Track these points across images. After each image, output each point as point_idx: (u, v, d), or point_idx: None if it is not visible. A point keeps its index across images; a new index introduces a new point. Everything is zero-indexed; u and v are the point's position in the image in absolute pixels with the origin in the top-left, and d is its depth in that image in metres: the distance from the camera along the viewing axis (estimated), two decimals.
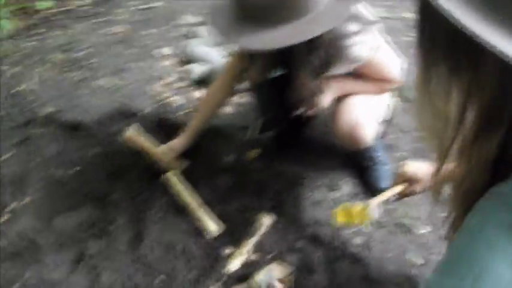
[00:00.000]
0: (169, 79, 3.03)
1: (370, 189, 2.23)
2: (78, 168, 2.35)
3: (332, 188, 2.28)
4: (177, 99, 2.83)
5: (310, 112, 2.03)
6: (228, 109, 2.77)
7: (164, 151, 2.27)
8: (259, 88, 2.07)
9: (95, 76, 3.08)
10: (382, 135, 2.32)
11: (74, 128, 2.61)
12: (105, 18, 3.72)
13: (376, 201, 1.75)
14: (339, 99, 2.08)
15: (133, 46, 3.40)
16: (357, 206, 1.75)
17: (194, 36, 3.42)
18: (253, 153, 2.45)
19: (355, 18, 1.85)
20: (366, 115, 2.05)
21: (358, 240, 2.03)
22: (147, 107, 2.77)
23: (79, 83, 3.00)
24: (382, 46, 1.98)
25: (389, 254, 1.98)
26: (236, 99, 2.85)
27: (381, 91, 2.12)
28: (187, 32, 3.54)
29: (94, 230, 2.05)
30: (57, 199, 2.17)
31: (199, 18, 3.69)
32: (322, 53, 1.81)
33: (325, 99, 2.02)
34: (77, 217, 2.09)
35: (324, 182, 2.31)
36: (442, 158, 0.94)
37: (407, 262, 1.95)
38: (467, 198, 0.95)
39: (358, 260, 1.94)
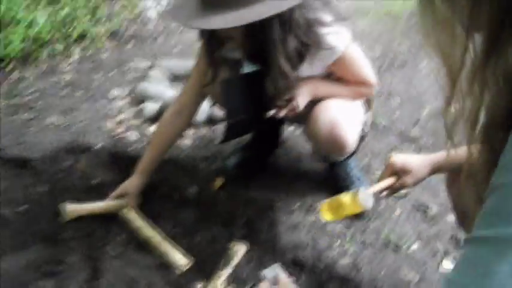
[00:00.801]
0: (122, 116, 2.83)
1: None
2: (25, 206, 2.12)
3: (308, 210, 2.09)
4: (130, 135, 2.63)
5: (282, 113, 1.85)
6: (186, 142, 2.58)
7: (118, 196, 2.06)
8: (225, 87, 1.87)
9: (43, 116, 2.87)
10: (356, 150, 2.17)
11: (21, 166, 2.38)
12: (53, 64, 3.54)
13: (365, 190, 1.56)
14: (314, 103, 1.91)
15: (83, 89, 3.21)
16: (345, 196, 1.56)
17: (145, 78, 3.27)
18: (218, 182, 2.24)
19: (330, 8, 1.80)
20: (344, 115, 1.90)
21: (344, 261, 1.82)
22: (99, 142, 2.56)
23: (26, 123, 2.79)
24: (353, 43, 1.87)
25: (381, 273, 1.77)
26: (194, 132, 2.66)
27: (357, 95, 2.00)
28: (138, 75, 3.39)
29: (43, 270, 1.77)
30: (2, 239, 1.91)
31: (148, 63, 3.55)
32: (298, 36, 1.73)
33: (300, 100, 1.86)
34: (25, 258, 1.82)
35: (299, 205, 2.12)
36: (452, 86, 0.81)
37: (402, 280, 1.75)
38: (490, 134, 0.80)
39: (348, 282, 1.73)
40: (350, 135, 1.90)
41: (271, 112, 1.86)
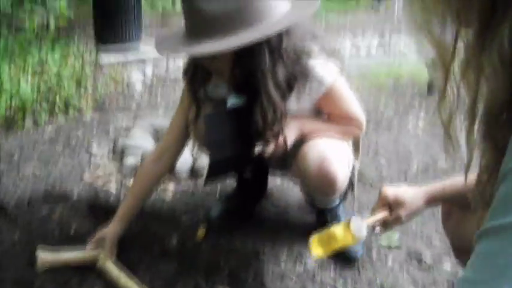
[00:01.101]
0: (102, 170, 2.74)
1: (339, 256, 1.93)
2: None
3: (297, 260, 1.97)
4: (109, 187, 2.54)
5: (270, 149, 1.78)
6: (168, 194, 2.49)
7: (95, 243, 1.96)
8: (209, 121, 1.80)
9: (21, 166, 2.79)
10: (345, 197, 2.08)
11: None
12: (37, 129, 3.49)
13: (358, 219, 1.46)
14: (302, 141, 1.85)
15: (64, 143, 3.14)
16: (337, 227, 1.45)
17: (127, 135, 3.22)
18: (200, 232, 2.14)
19: (318, 41, 1.82)
20: (334, 151, 1.83)
21: None
22: (77, 193, 2.47)
23: (3, 172, 2.72)
24: (341, 78, 1.84)
25: None
26: (176, 185, 2.58)
27: (346, 133, 1.94)
28: (120, 132, 3.33)
29: None
30: None
31: (131, 122, 3.51)
32: (287, 65, 1.72)
33: (288, 136, 1.79)
34: None
35: (287, 254, 2.01)
36: (445, 76, 0.75)
37: None
38: (491, 127, 0.73)
39: None
40: (340, 171, 1.81)
41: (258, 148, 1.78)
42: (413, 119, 3.63)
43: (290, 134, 1.81)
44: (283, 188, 2.50)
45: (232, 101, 1.85)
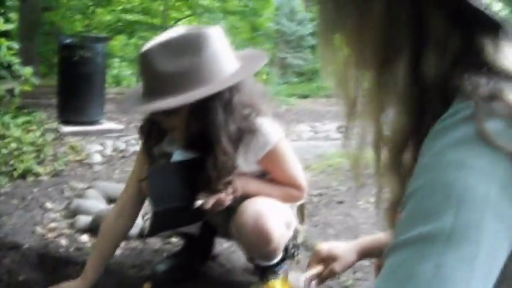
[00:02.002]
0: (54, 225, 2.76)
1: None
2: None
3: None
4: (60, 241, 2.56)
5: (211, 204, 1.85)
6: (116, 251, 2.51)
7: None
8: (153, 173, 1.87)
9: None
10: (285, 258, 2.14)
11: None
12: None
13: (296, 273, 1.52)
14: (242, 199, 1.93)
15: (19, 198, 3.15)
16: (274, 281, 1.51)
17: (81, 196, 3.27)
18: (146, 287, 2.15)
19: (266, 100, 1.95)
20: (271, 209, 1.90)
21: None
22: (28, 243, 2.48)
23: None
24: (285, 139, 1.96)
25: None
26: (125, 244, 2.60)
27: (287, 196, 2.01)
28: (74, 193, 3.37)
29: None
30: None
31: (86, 184, 3.56)
32: (237, 120, 1.82)
33: (231, 192, 1.88)
34: None
35: None
36: (349, 114, 0.85)
37: None
38: (396, 159, 0.82)
39: None
40: (276, 229, 1.88)
41: (200, 202, 1.85)
42: (365, 195, 3.76)
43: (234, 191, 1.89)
44: (230, 250, 2.55)
45: (178, 154, 1.93)
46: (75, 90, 6.19)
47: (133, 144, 5.81)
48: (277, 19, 14.62)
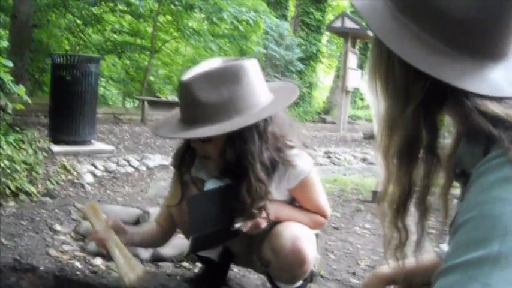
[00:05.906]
0: (66, 247, 2.81)
1: None
2: None
3: None
4: (75, 263, 2.60)
5: (248, 227, 1.94)
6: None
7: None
8: (192, 204, 1.96)
9: None
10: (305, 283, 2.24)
11: None
12: None
13: None
14: (273, 225, 2.03)
15: (28, 220, 3.20)
16: None
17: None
18: None
19: (295, 132, 2.07)
20: (305, 233, 2.01)
21: None
22: (44, 265, 2.52)
23: None
24: (315, 170, 2.07)
25: None
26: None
27: (313, 223, 2.12)
28: (81, 215, 3.41)
29: None
30: None
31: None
32: (270, 150, 1.93)
33: (265, 218, 1.98)
34: None
35: None
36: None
37: None
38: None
39: None
40: (311, 252, 1.99)
41: (238, 225, 1.95)
42: (360, 221, 3.88)
43: (267, 216, 1.99)
44: (241, 274, 2.63)
45: (212, 182, 2.04)
46: (67, 109, 6.20)
47: (124, 165, 5.88)
48: (265, 43, 14.76)
